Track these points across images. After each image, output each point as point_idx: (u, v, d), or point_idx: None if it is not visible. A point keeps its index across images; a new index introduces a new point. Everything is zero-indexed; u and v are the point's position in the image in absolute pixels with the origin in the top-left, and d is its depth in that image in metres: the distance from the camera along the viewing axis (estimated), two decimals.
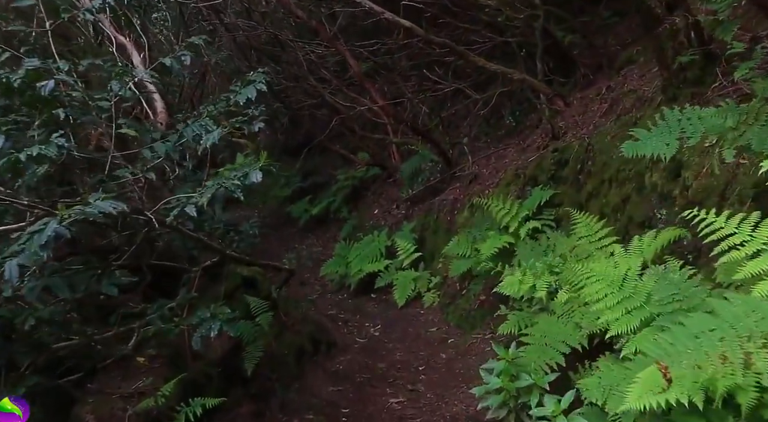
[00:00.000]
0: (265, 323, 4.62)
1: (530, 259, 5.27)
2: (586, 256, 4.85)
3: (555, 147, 6.25)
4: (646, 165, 4.68)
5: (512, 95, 9.16)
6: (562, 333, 4.24)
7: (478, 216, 7.51)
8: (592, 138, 5.93)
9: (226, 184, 3.59)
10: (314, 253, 11.64)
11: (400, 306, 7.98)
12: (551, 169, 6.26)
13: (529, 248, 5.76)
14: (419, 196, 9.57)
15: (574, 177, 5.98)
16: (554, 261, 4.96)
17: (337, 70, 12.15)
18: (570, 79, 7.91)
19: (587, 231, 5.05)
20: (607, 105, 6.39)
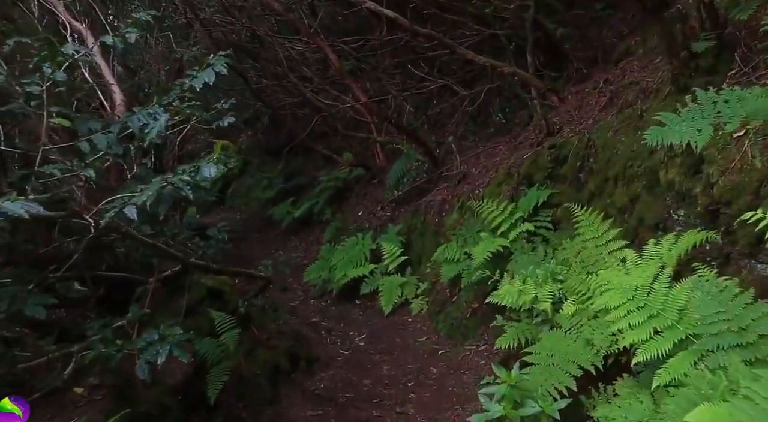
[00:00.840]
0: (230, 342, 3.91)
1: (529, 266, 4.64)
2: (594, 262, 4.23)
3: (552, 143, 5.63)
4: (661, 160, 4.07)
5: (501, 91, 8.55)
6: (572, 352, 3.60)
7: (468, 218, 6.87)
8: (593, 133, 5.32)
9: (172, 181, 2.89)
10: (296, 257, 10.95)
11: (387, 313, 7.31)
12: (548, 166, 5.64)
13: (526, 253, 5.13)
14: (405, 196, 8.92)
15: (574, 175, 5.36)
16: (557, 267, 4.33)
17: (319, 68, 11.48)
18: (562, 74, 7.30)
19: (592, 233, 4.43)
20: (606, 98, 5.79)
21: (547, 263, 4.62)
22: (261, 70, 10.47)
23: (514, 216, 5.68)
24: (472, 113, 9.28)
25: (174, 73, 9.15)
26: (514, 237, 5.53)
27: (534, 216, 5.62)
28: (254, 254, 11.70)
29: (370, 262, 8.05)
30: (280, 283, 9.79)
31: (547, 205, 5.55)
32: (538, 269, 4.38)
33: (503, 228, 5.66)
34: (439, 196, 7.86)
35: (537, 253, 5.07)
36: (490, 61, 6.86)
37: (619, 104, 5.44)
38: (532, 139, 6.61)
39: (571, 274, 4.23)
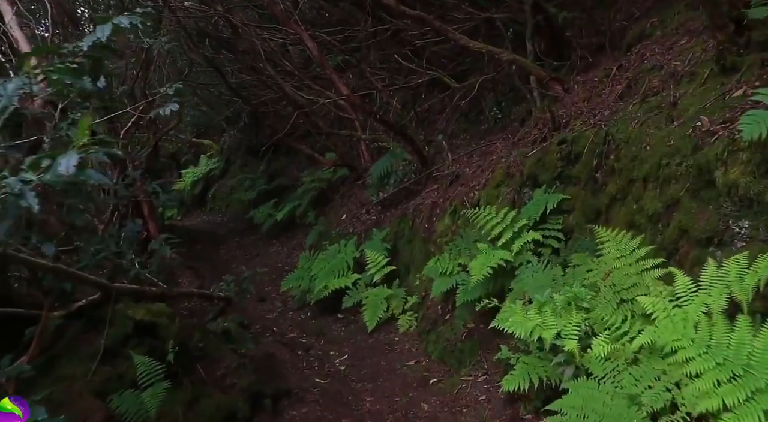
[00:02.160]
0: (152, 403, 2.81)
1: (543, 287, 3.60)
2: (628, 286, 3.19)
3: (561, 138, 4.60)
4: (717, 155, 3.03)
5: (496, 84, 7.51)
6: (613, 414, 2.56)
7: (462, 224, 5.83)
8: (611, 125, 4.29)
9: (6, 182, 1.76)
10: (277, 264, 9.87)
11: (371, 330, 6.26)
12: (557, 165, 4.61)
13: (537, 271, 4.08)
14: (391, 199, 7.86)
15: (589, 175, 4.33)
16: (580, 291, 3.29)
17: (302, 62, 10.39)
18: (565, 63, 6.27)
19: (619, 249, 3.40)
20: (622, 86, 4.77)
21: (565, 284, 3.58)
22: (238, 63, 9.35)
23: (518, 224, 4.64)
24: (463, 109, 8.24)
25: (142, 65, 8.01)
26: (518, 248, 4.49)
27: (541, 223, 4.59)
28: (234, 259, 10.61)
29: (353, 272, 6.99)
30: (257, 293, 8.72)
31: (556, 211, 4.52)
32: (557, 293, 3.34)
33: (505, 239, 4.62)
34: (429, 199, 6.82)
35: (548, 270, 4.03)
36: (486, 47, 5.81)
37: (641, 92, 4.42)
38: (534, 134, 5.57)
39: (599, 301, 3.20)
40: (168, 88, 3.60)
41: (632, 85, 4.67)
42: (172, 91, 3.58)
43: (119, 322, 3.00)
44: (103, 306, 3.02)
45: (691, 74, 3.99)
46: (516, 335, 3.47)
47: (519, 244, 4.50)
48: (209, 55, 9.16)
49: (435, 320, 5.65)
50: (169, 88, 3.60)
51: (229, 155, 13.64)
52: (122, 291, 3.18)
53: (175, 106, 3.54)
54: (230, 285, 4.48)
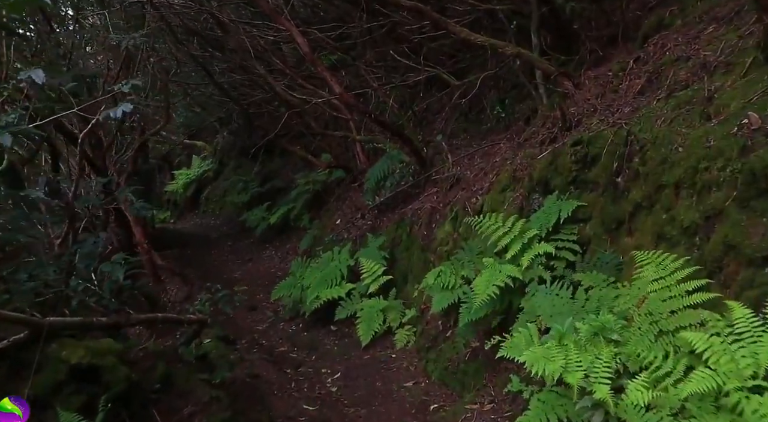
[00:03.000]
0: None
1: (563, 315, 3.02)
2: (667, 316, 2.61)
3: (576, 138, 4.02)
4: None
5: (498, 82, 6.95)
6: None
7: (464, 232, 5.26)
8: (634, 124, 3.72)
9: None
10: (270, 269, 9.29)
11: (365, 345, 5.69)
12: (571, 169, 4.03)
13: (550, 292, 3.50)
14: (388, 203, 7.29)
15: (609, 180, 3.75)
16: (608, 319, 2.71)
17: (295, 61, 9.80)
18: (573, 57, 5.69)
19: (655, 270, 2.82)
20: (642, 80, 4.19)
21: (585, 309, 3.01)
22: (227, 62, 8.75)
23: (527, 234, 4.06)
24: (463, 108, 7.66)
25: (121, 65, 7.41)
26: (527, 263, 3.91)
27: (554, 233, 4.01)
28: (225, 264, 10.03)
29: (347, 281, 6.41)
30: (248, 301, 8.15)
31: (572, 219, 3.94)
32: (581, 322, 2.76)
33: (513, 251, 4.04)
34: (428, 204, 6.24)
35: (564, 291, 3.45)
36: (489, 40, 5.23)
37: (665, 86, 3.85)
38: (543, 134, 5.00)
39: (632, 333, 2.62)
40: (123, 85, 3.03)
41: (654, 79, 4.10)
42: (126, 89, 3.01)
43: (51, 366, 2.41)
44: (32, 347, 2.43)
45: (727, 65, 3.42)
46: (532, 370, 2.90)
47: (529, 258, 3.92)
48: (197, 53, 8.56)
49: (435, 336, 5.08)
50: (124, 86, 3.03)
51: (222, 157, 13.05)
52: (58, 326, 2.57)
53: (128, 106, 2.97)
54: (205, 304, 3.91)
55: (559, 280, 3.67)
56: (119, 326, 3.09)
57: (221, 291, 4.03)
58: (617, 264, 3.58)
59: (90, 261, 3.56)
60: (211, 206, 12.74)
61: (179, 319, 3.81)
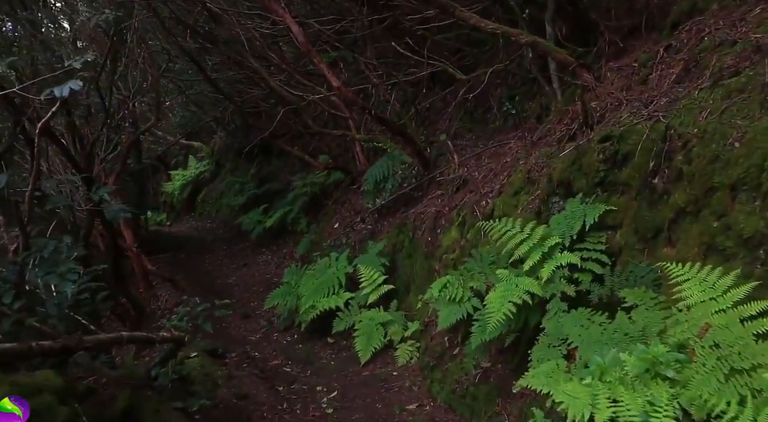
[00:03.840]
0: None
1: (601, 344, 2.47)
2: (738, 350, 2.05)
3: (605, 134, 3.46)
4: None
5: (507, 77, 6.41)
6: None
7: (472, 238, 4.70)
8: (673, 117, 3.17)
9: None
10: (266, 275, 8.74)
11: (365, 362, 5.14)
12: (599, 168, 3.47)
13: (586, 319, 2.95)
14: (389, 206, 6.74)
15: (644, 181, 3.20)
16: (660, 352, 2.15)
17: (293, 57, 9.26)
18: (591, 49, 5.14)
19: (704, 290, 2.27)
20: (678, 69, 3.64)
21: (629, 336, 2.45)
22: (222, 56, 8.21)
23: (548, 242, 3.50)
24: (468, 106, 7.12)
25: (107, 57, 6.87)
26: (548, 275, 3.35)
27: (578, 242, 3.46)
28: (220, 269, 9.48)
29: (345, 290, 5.87)
30: (242, 308, 7.61)
31: (599, 226, 3.39)
32: (626, 353, 2.20)
33: (531, 261, 3.48)
34: (432, 207, 5.69)
35: (597, 315, 2.89)
36: (501, 27, 4.69)
37: (708, 74, 3.30)
38: (560, 131, 4.45)
39: (695, 371, 2.06)
40: (75, 61, 2.50)
41: (692, 67, 3.55)
42: (79, 65, 2.48)
43: None
44: None
45: None
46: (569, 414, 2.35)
47: (550, 269, 3.36)
48: (185, 44, 8.00)
49: (441, 354, 4.52)
50: (75, 61, 2.49)
51: (219, 158, 12.51)
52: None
53: (77, 84, 2.43)
54: (183, 320, 3.37)
55: (586, 296, 3.12)
56: (69, 351, 2.55)
57: (200, 305, 3.48)
58: (654, 278, 3.03)
59: (52, 270, 3.03)
60: (207, 208, 12.19)
61: (149, 338, 3.25)
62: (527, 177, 4.37)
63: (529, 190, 4.31)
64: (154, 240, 10.73)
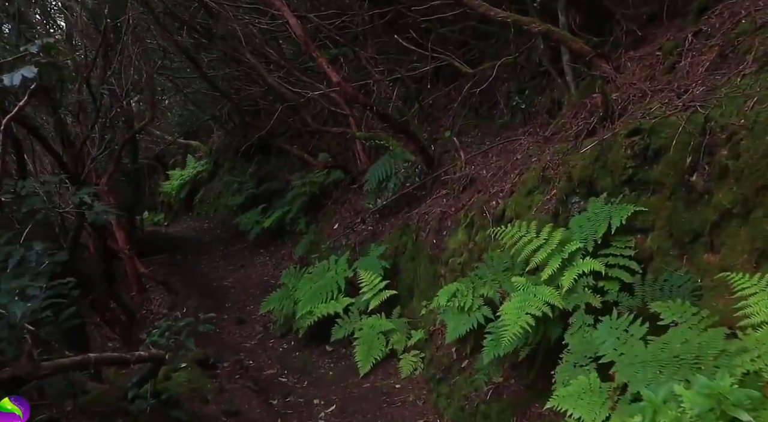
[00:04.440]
0: None
1: (648, 367, 2.06)
2: None
3: (634, 127, 3.05)
4: None
5: (515, 71, 6.00)
6: None
7: (481, 241, 4.30)
8: (713, 107, 2.76)
9: None
10: (263, 277, 8.34)
11: (365, 372, 4.73)
12: (626, 165, 3.06)
13: (616, 328, 2.54)
14: (391, 206, 6.33)
15: (679, 179, 2.80)
16: (727, 387, 1.73)
17: (292, 53, 8.86)
18: (606, 39, 4.73)
19: None
20: (712, 56, 3.24)
21: (684, 361, 2.04)
22: (218, 52, 7.79)
23: (568, 247, 3.10)
24: (473, 103, 6.72)
25: (98, 52, 6.46)
26: (569, 284, 2.95)
27: (602, 247, 3.05)
28: (216, 271, 9.06)
29: (344, 295, 5.46)
30: (237, 313, 7.21)
31: (627, 229, 2.98)
32: (678, 383, 1.79)
33: (550, 269, 3.08)
34: (437, 208, 5.29)
35: (637, 327, 2.48)
36: (512, 15, 4.29)
37: (751, 59, 2.89)
38: (577, 125, 4.05)
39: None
40: (32, 45, 2.10)
41: (728, 52, 3.15)
42: (35, 49, 2.08)
43: None
44: None
45: None
46: None
47: (571, 277, 2.96)
48: (178, 38, 7.58)
49: (448, 366, 4.11)
50: (32, 46, 2.10)
51: (217, 157, 12.08)
52: None
53: (31, 70, 2.04)
54: (164, 336, 2.96)
55: (614, 308, 2.71)
56: (19, 381, 2.15)
57: (182, 320, 3.07)
58: (694, 289, 2.63)
59: (20, 282, 2.62)
60: (205, 208, 11.78)
61: (123, 359, 2.84)
62: (541, 175, 3.96)
63: (543, 190, 3.90)
64: (150, 241, 10.33)
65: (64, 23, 8.73)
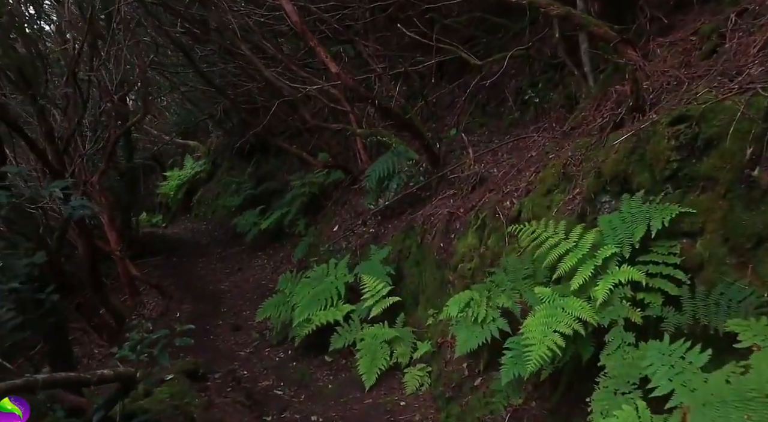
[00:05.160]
0: None
1: (727, 407, 1.58)
2: None
3: (678, 114, 2.60)
4: None
5: (524, 65, 5.55)
6: None
7: (494, 244, 3.83)
8: None
9: None
10: (261, 280, 7.87)
11: (369, 387, 4.25)
12: (669, 158, 2.60)
13: (670, 354, 2.07)
14: (394, 207, 5.86)
15: (737, 174, 2.34)
16: None
17: (290, 48, 8.40)
18: (629, 26, 4.26)
19: None
20: (766, 35, 2.77)
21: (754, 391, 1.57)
22: (212, 45, 7.34)
23: (601, 253, 2.63)
24: (480, 100, 6.28)
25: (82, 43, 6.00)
26: (604, 295, 2.48)
27: (641, 252, 2.59)
28: (212, 274, 8.59)
29: (344, 302, 4.99)
30: (233, 318, 6.74)
31: (670, 232, 2.52)
32: None
33: (581, 277, 2.61)
34: (444, 209, 4.82)
35: (696, 354, 2.02)
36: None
37: None
38: (603, 117, 3.59)
39: None
40: None
41: None
42: None
43: None
44: None
45: None
46: None
47: (606, 288, 2.49)
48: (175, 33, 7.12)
49: (459, 383, 3.64)
50: None
51: (216, 157, 11.62)
52: None
53: None
54: (135, 351, 2.51)
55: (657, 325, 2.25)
56: None
57: (157, 333, 2.60)
58: (759, 304, 2.17)
59: None
60: (203, 209, 11.31)
61: (81, 380, 2.36)
62: (562, 172, 3.50)
63: (565, 188, 3.44)
64: (146, 243, 9.87)
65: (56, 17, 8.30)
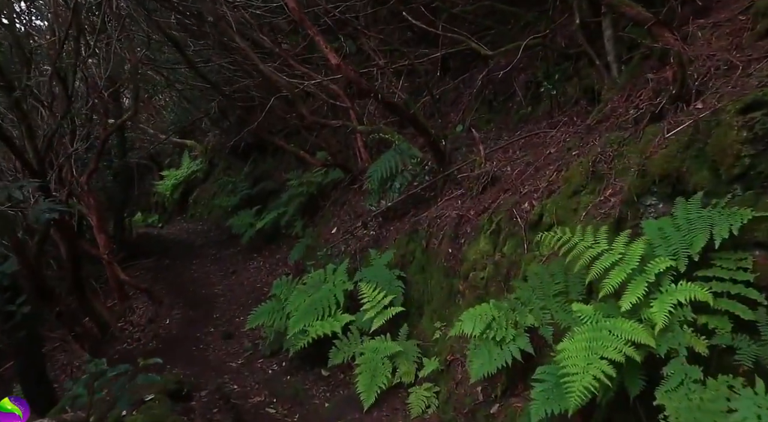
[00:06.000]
0: None
1: None
2: None
3: (751, 100, 2.09)
4: None
5: (535, 58, 5.04)
6: None
7: (510, 251, 3.32)
8: None
9: None
10: (256, 284, 7.34)
11: (368, 407, 3.73)
12: (737, 153, 2.09)
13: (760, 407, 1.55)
14: (396, 208, 5.34)
15: None
16: None
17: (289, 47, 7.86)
18: (658, 10, 3.76)
19: None
20: None
21: None
22: (206, 39, 6.80)
23: (653, 266, 2.12)
24: (486, 95, 5.77)
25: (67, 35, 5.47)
26: (664, 319, 1.97)
27: (702, 265, 2.08)
28: (206, 277, 8.04)
29: (343, 311, 4.46)
30: (224, 325, 6.21)
31: (738, 242, 2.01)
32: None
33: (633, 296, 2.10)
34: (452, 211, 4.30)
35: None
36: None
37: None
38: (638, 108, 3.08)
39: None
40: None
41: None
42: None
43: None
44: None
45: None
46: None
47: (665, 309, 1.98)
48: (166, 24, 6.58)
49: (472, 409, 3.12)
50: None
51: (213, 156, 11.08)
52: None
53: None
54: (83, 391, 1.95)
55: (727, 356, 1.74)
56: None
57: (116, 369, 2.06)
58: None
59: None
60: (199, 210, 10.77)
61: None
62: (591, 171, 2.99)
63: (594, 189, 2.93)
64: (139, 244, 9.33)
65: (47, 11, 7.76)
